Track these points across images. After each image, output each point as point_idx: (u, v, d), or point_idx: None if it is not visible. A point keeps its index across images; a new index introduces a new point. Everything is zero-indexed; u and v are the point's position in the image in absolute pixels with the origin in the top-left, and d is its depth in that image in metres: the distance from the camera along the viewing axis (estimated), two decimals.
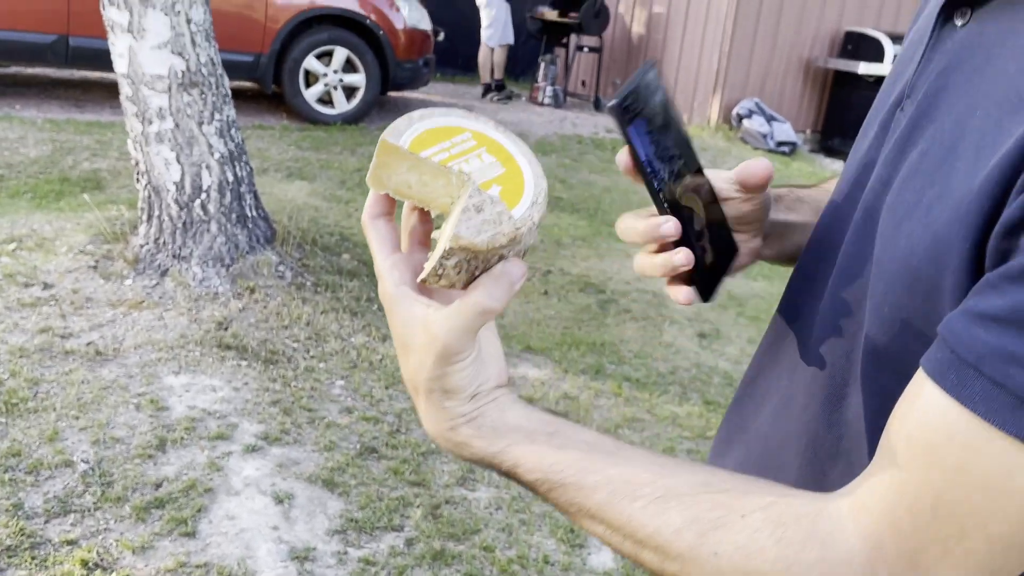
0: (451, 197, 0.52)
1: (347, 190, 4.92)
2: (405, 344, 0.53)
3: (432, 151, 0.52)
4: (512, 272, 0.51)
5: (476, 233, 0.48)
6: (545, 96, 8.46)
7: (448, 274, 0.50)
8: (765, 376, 0.70)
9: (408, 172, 0.52)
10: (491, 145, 0.54)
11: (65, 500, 2.16)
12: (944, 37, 0.56)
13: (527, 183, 0.53)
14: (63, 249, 3.42)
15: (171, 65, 3.13)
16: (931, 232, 0.49)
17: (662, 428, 2.86)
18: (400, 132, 0.53)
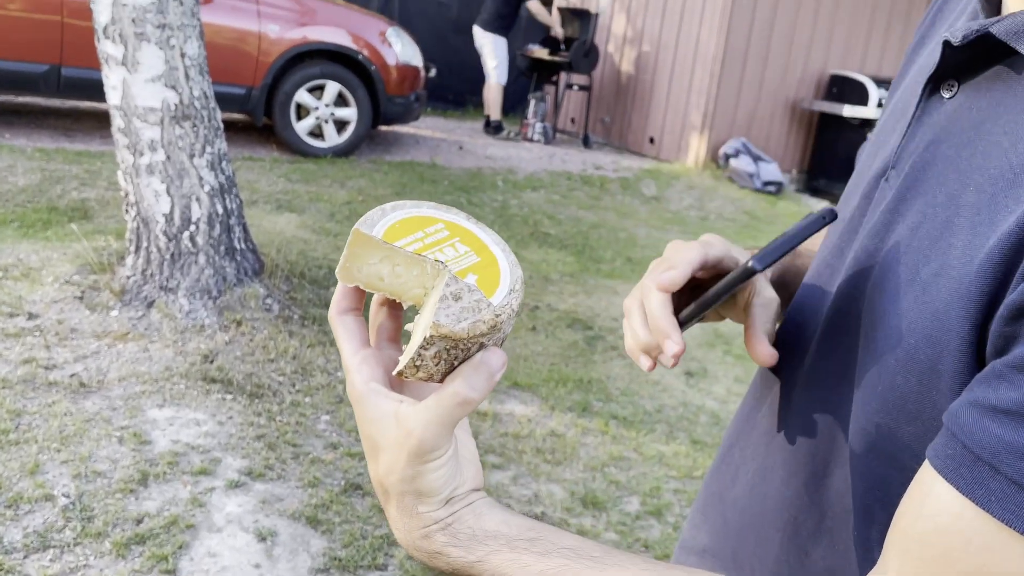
0: (424, 288, 0.52)
1: (336, 223, 4.93)
2: (375, 443, 0.50)
3: (406, 241, 0.52)
4: (492, 362, 0.49)
5: (456, 321, 0.47)
6: (535, 132, 8.55)
7: (427, 365, 0.49)
8: (742, 445, 0.69)
9: (381, 263, 0.52)
10: (464, 235, 0.54)
11: (44, 535, 2.12)
12: (931, 109, 0.55)
13: (503, 271, 0.52)
14: (49, 279, 3.41)
15: (164, 98, 3.15)
16: (929, 311, 0.47)
17: (649, 467, 2.86)
18: (373, 223, 0.52)
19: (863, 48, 8.28)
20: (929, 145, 0.54)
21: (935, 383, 0.46)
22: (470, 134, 8.57)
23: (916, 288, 0.49)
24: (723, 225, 6.58)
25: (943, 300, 0.46)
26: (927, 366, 0.47)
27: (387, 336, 0.56)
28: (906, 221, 0.53)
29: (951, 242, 0.48)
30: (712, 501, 0.71)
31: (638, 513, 2.60)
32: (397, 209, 0.54)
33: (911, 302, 0.49)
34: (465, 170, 6.83)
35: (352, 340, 0.52)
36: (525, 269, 4.70)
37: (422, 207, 0.55)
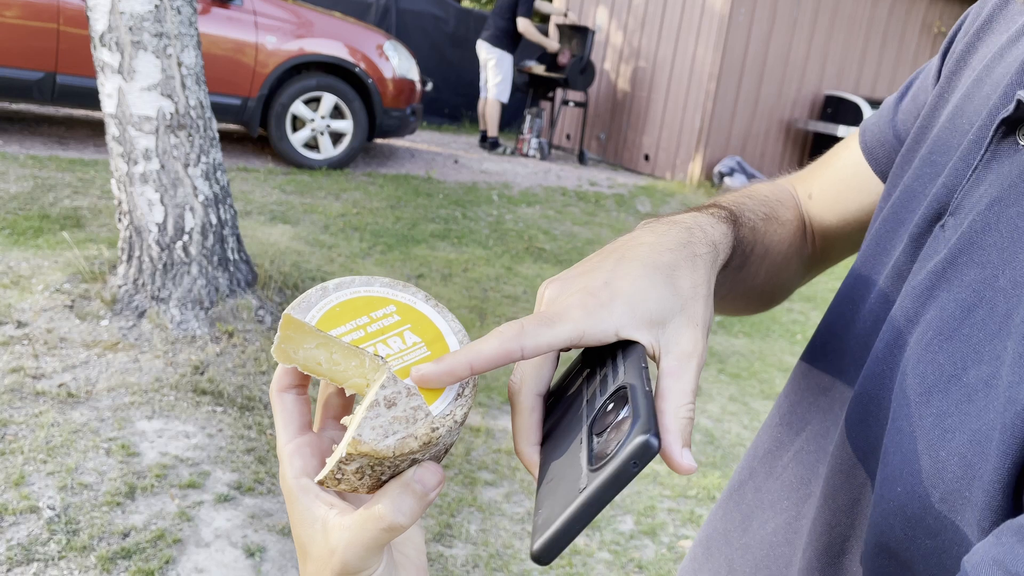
0: (367, 379, 0.46)
1: (330, 235, 4.91)
2: (303, 547, 0.45)
3: (345, 328, 0.46)
4: (425, 481, 0.42)
5: (382, 436, 0.41)
6: (530, 148, 8.56)
7: (349, 479, 0.43)
8: (756, 486, 0.63)
9: (317, 349, 0.46)
10: (418, 321, 0.48)
11: (29, 548, 2.08)
12: (1001, 155, 0.47)
13: None
14: (39, 287, 3.37)
15: (160, 107, 3.13)
16: (969, 427, 0.40)
17: (643, 487, 2.83)
18: (310, 305, 0.47)
19: (858, 69, 8.34)
20: (995, 203, 0.46)
21: (961, 509, 0.41)
22: (465, 148, 8.57)
23: (959, 390, 0.42)
24: None
25: (986, 420, 0.40)
26: (954, 487, 0.41)
27: (334, 414, 0.50)
28: (955, 293, 0.45)
29: (1006, 345, 0.41)
30: (717, 541, 0.67)
31: (632, 532, 2.57)
32: (342, 288, 0.48)
33: (950, 405, 0.42)
34: (460, 184, 6.83)
35: (289, 425, 0.47)
36: (519, 283, 4.69)
37: (373, 285, 0.49)
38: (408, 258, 4.79)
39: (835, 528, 0.51)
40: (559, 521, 0.39)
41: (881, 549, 0.46)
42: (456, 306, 4.17)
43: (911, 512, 0.43)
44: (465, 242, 5.31)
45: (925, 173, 0.55)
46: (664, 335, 0.46)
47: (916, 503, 0.43)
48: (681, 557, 2.48)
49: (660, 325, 0.46)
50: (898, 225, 0.55)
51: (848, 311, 0.58)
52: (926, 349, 0.45)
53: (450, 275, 4.64)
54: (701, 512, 2.73)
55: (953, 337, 0.44)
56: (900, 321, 0.49)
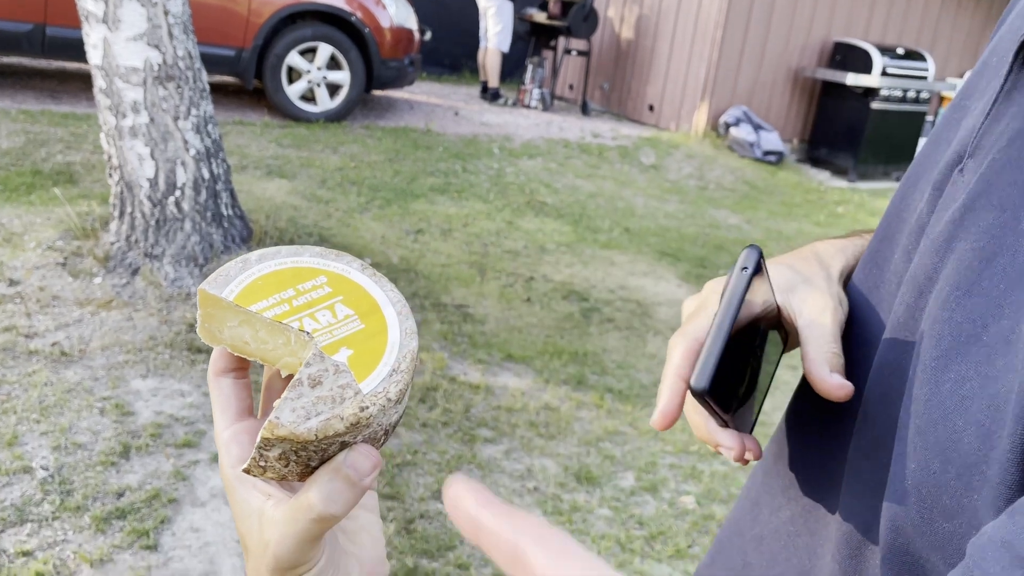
0: (298, 357, 0.41)
1: (328, 189, 4.83)
2: (243, 539, 0.42)
3: (268, 303, 0.42)
4: (358, 466, 0.38)
5: (303, 418, 0.37)
6: (532, 99, 8.40)
7: (273, 466, 0.39)
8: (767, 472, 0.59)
9: (240, 327, 0.42)
10: (352, 293, 0.44)
11: (22, 508, 2.06)
12: (1022, 86, 0.43)
13: (390, 344, 0.42)
14: (31, 244, 3.32)
15: (147, 58, 3.04)
16: (988, 392, 0.36)
17: (644, 442, 2.80)
18: (229, 278, 0.43)
19: (868, 15, 8.12)
20: (1015, 138, 0.42)
21: (977, 486, 0.36)
22: (465, 100, 8.42)
23: (979, 351, 0.38)
24: (722, 195, 6.48)
25: (1005, 382, 0.35)
26: (970, 462, 0.37)
27: (278, 396, 0.46)
28: (972, 241, 0.41)
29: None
30: (728, 532, 0.63)
31: (633, 489, 2.55)
32: (265, 260, 0.44)
33: (970, 368, 0.38)
34: (460, 137, 6.71)
35: (226, 411, 0.43)
36: (520, 238, 4.62)
37: (302, 255, 0.45)
38: (407, 213, 4.72)
39: (858, 515, 0.47)
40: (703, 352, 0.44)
41: (899, 534, 0.42)
42: (456, 261, 4.11)
43: (925, 492, 0.39)
44: (465, 196, 5.23)
45: (952, 119, 0.50)
46: (794, 298, 0.52)
47: (931, 481, 0.39)
48: (682, 513, 2.46)
49: (789, 291, 0.52)
50: (920, 176, 0.50)
51: (872, 276, 0.52)
52: (943, 308, 0.41)
53: (450, 230, 4.57)
54: (702, 468, 2.70)
55: (972, 292, 0.40)
56: (920, 280, 0.44)
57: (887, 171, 7.92)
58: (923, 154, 0.52)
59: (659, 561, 2.25)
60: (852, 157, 7.61)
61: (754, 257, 0.46)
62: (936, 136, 0.51)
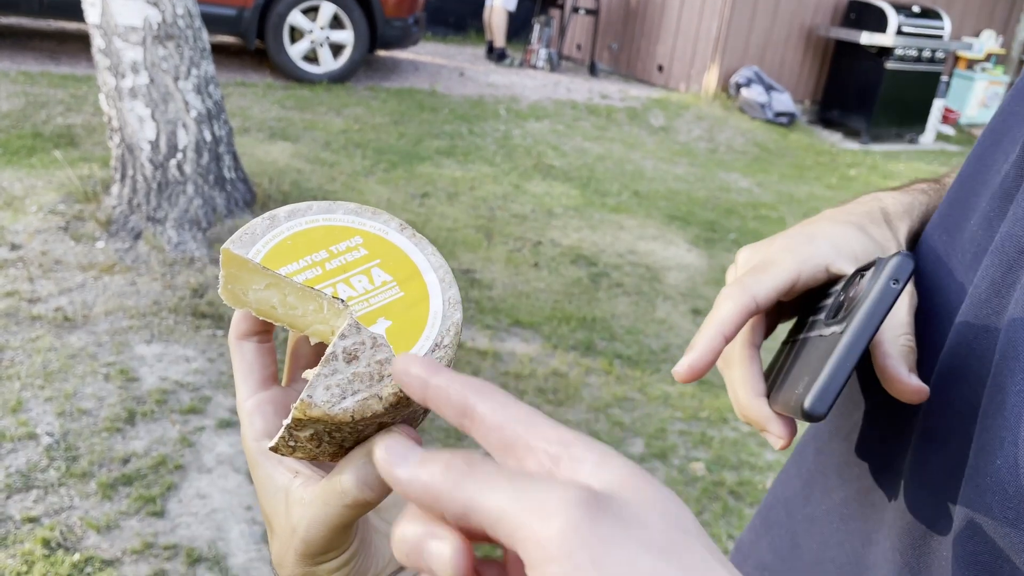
0: (330, 325, 0.38)
1: (332, 152, 4.76)
2: (267, 518, 0.39)
3: (298, 266, 0.38)
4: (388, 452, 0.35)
5: (338, 397, 0.34)
6: (539, 59, 8.26)
7: (304, 447, 0.36)
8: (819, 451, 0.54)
9: (267, 289, 0.39)
10: (390, 256, 0.40)
11: (27, 475, 2.05)
12: None
13: (432, 314, 0.38)
14: (33, 208, 3.27)
15: (146, 16, 2.96)
16: None
17: (653, 408, 2.77)
18: (256, 237, 0.39)
19: None
20: None
21: None
22: (471, 60, 8.29)
23: None
24: (733, 158, 6.39)
25: None
26: None
27: (305, 363, 0.42)
28: None
29: None
30: (777, 510, 0.58)
31: (643, 455, 2.53)
32: (295, 216, 0.40)
33: None
34: (466, 98, 6.61)
35: (248, 378, 0.40)
36: (528, 202, 4.55)
37: (336, 212, 0.41)
38: (412, 176, 4.65)
39: (924, 506, 0.42)
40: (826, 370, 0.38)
41: (976, 532, 0.37)
42: (462, 226, 4.06)
43: (1012, 491, 0.35)
44: (471, 159, 5.15)
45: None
46: None
47: (1020, 479, 0.34)
48: (692, 480, 2.44)
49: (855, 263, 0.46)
50: (1005, 133, 0.44)
51: (942, 243, 0.47)
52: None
53: (456, 194, 4.51)
54: (712, 434, 2.68)
55: None
56: (1010, 252, 0.39)
57: (900, 133, 7.78)
58: (1007, 110, 0.45)
59: None
60: (865, 119, 7.48)
61: (908, 270, 0.39)
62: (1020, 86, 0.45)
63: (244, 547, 1.95)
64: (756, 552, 0.60)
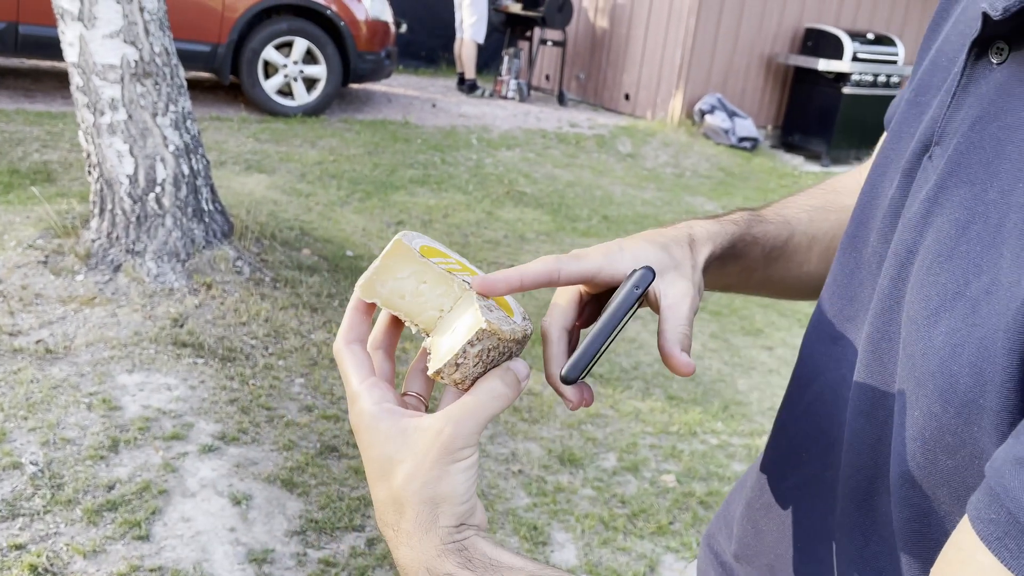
0: (441, 311, 0.53)
1: (307, 183, 4.84)
2: (391, 459, 0.49)
3: (434, 262, 0.54)
4: (520, 368, 0.51)
5: (500, 324, 0.50)
6: (509, 90, 8.43)
7: (467, 363, 0.50)
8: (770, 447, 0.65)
9: (409, 278, 0.53)
10: (472, 272, 0.57)
11: (13, 503, 2.09)
12: (977, 76, 0.48)
13: (511, 303, 0.56)
14: (11, 244, 3.32)
15: (123, 55, 3.04)
16: (976, 336, 0.41)
17: (625, 424, 2.87)
18: (410, 239, 0.55)
19: (838, 1, 8.22)
20: (976, 122, 0.47)
21: (977, 419, 0.41)
22: (443, 92, 8.43)
23: (964, 304, 0.43)
24: (698, 182, 6.56)
25: (991, 325, 0.40)
26: (969, 399, 0.41)
27: (384, 376, 0.55)
28: (948, 215, 0.46)
29: (1002, 252, 0.41)
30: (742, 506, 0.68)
31: (615, 469, 2.61)
32: (420, 237, 0.57)
33: (958, 321, 0.43)
34: (439, 128, 6.73)
35: (361, 368, 0.53)
36: (500, 228, 4.67)
37: (437, 243, 0.58)
38: (387, 205, 4.75)
39: (862, 470, 0.52)
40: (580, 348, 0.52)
41: (905, 479, 0.46)
42: None
43: (929, 434, 0.44)
44: (445, 187, 5.26)
45: (911, 114, 0.55)
46: (662, 283, 0.58)
47: (933, 423, 0.43)
48: (663, 491, 2.53)
49: (660, 274, 0.58)
50: (888, 166, 0.56)
51: (851, 257, 0.58)
52: (928, 273, 0.46)
53: (430, 221, 4.61)
54: (682, 447, 2.77)
55: (952, 256, 0.44)
56: (901, 254, 0.50)
57: (859, 155, 8.03)
58: (886, 148, 0.57)
59: (641, 538, 2.32)
60: (825, 142, 7.71)
61: (647, 281, 0.54)
62: (896, 131, 0.57)
63: (229, 567, 2.00)
64: (726, 545, 0.69)
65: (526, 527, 2.27)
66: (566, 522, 2.34)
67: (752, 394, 3.25)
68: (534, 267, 0.56)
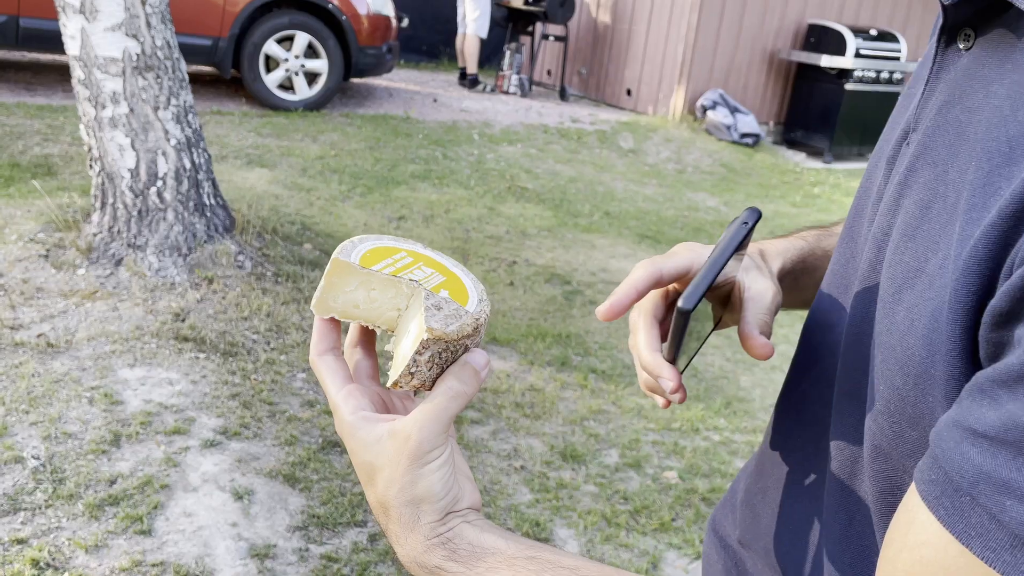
0: (398, 310, 0.56)
1: (308, 178, 4.83)
2: (372, 466, 0.51)
3: (379, 267, 0.56)
4: (477, 360, 0.53)
5: (445, 324, 0.51)
6: (511, 85, 8.41)
7: (420, 371, 0.52)
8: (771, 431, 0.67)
9: (357, 289, 0.55)
10: (426, 260, 0.59)
11: (15, 498, 2.08)
12: (947, 63, 0.50)
13: (468, 286, 0.57)
14: (12, 237, 3.31)
15: (125, 48, 3.03)
16: (929, 309, 0.43)
17: (627, 420, 2.86)
18: (348, 252, 0.56)
19: None
20: (943, 107, 0.49)
21: (930, 388, 0.43)
22: (444, 86, 8.42)
23: (923, 280, 0.45)
24: (700, 178, 6.55)
25: (941, 298, 0.42)
26: (922, 369, 0.43)
27: (366, 374, 0.58)
28: (915, 196, 0.48)
29: (955, 229, 0.43)
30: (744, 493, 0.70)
31: (617, 465, 2.61)
32: (364, 241, 0.58)
33: (917, 296, 0.45)
34: (440, 123, 6.72)
35: (335, 377, 0.54)
36: (502, 224, 4.66)
37: (383, 239, 0.59)
38: (388, 200, 4.74)
39: (845, 450, 0.54)
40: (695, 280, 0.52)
41: (877, 453, 0.48)
42: (438, 247, 4.14)
43: (894, 406, 0.46)
44: (446, 183, 5.25)
45: (902, 105, 0.57)
46: (746, 277, 0.63)
47: (895, 396, 0.45)
48: (666, 488, 2.53)
49: (745, 270, 0.63)
50: (880, 156, 0.58)
51: (847, 247, 0.60)
52: (894, 252, 0.48)
53: (432, 216, 4.60)
54: (684, 444, 2.77)
55: (915, 236, 0.46)
56: (878, 237, 0.52)
57: (861, 152, 8.01)
58: (882, 139, 0.59)
59: (644, 534, 2.31)
60: (827, 138, 7.70)
61: (755, 216, 0.56)
62: (891, 122, 0.59)
63: (231, 562, 2.00)
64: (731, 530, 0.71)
65: (528, 523, 2.26)
66: (568, 518, 2.33)
67: (755, 391, 3.25)
68: (639, 275, 0.60)
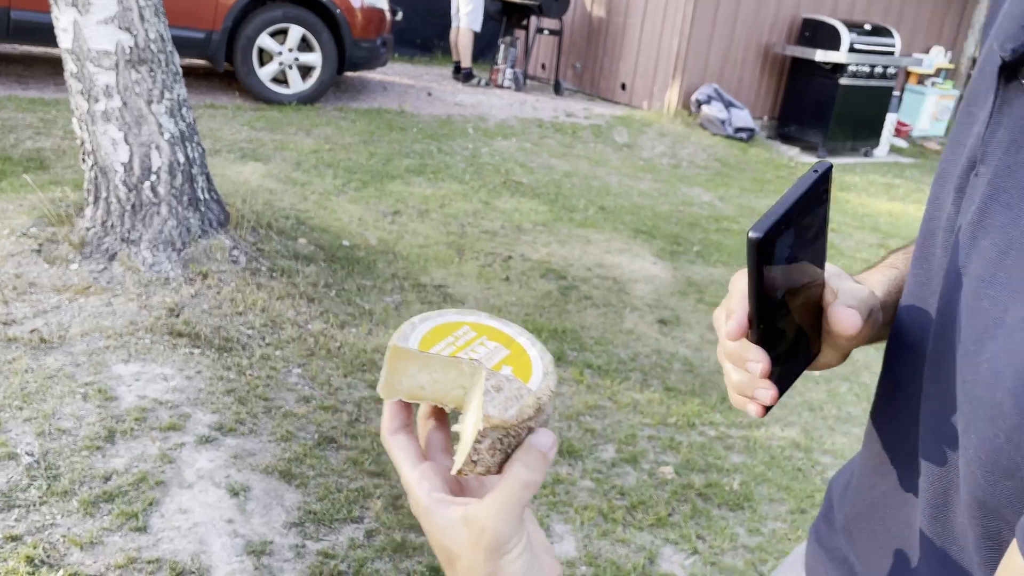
0: (464, 388, 0.54)
1: (303, 172, 4.81)
2: (449, 552, 0.51)
3: (439, 347, 0.54)
4: (542, 442, 0.51)
5: (503, 410, 0.49)
6: (505, 79, 8.39)
7: (483, 458, 0.51)
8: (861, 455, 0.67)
9: (419, 372, 0.54)
10: (490, 332, 0.57)
11: (9, 494, 2.07)
12: (1010, 98, 0.49)
13: (533, 358, 0.55)
14: (4, 232, 3.28)
15: (118, 41, 3.01)
16: (1015, 364, 0.42)
17: (623, 415, 2.86)
18: (406, 336, 0.55)
19: None
20: (1011, 145, 0.48)
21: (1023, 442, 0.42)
22: (438, 80, 8.39)
23: (1004, 333, 0.44)
24: (695, 173, 6.55)
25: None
26: (1014, 423, 0.42)
27: (439, 448, 0.57)
28: (990, 239, 0.47)
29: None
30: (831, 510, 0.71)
31: (613, 460, 2.61)
32: (425, 320, 0.57)
33: (997, 348, 0.44)
34: (434, 117, 6.70)
35: (408, 457, 0.54)
36: (497, 218, 4.65)
37: (446, 315, 0.58)
38: (383, 194, 4.72)
39: (935, 485, 0.54)
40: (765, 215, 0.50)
41: (973, 499, 0.48)
42: (434, 242, 4.13)
43: (986, 456, 0.45)
44: (441, 177, 5.24)
45: (964, 123, 0.56)
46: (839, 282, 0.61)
47: (987, 447, 0.45)
48: (662, 483, 2.53)
49: (837, 276, 0.62)
50: (946, 179, 0.57)
51: (922, 269, 0.59)
52: (973, 297, 0.47)
53: (427, 211, 4.59)
54: (680, 439, 2.77)
55: (993, 282, 0.46)
56: (952, 275, 0.51)
57: (855, 146, 8.02)
58: (945, 156, 0.58)
59: (640, 529, 2.32)
60: (821, 133, 7.70)
61: (825, 166, 0.54)
62: (953, 139, 0.57)
63: (226, 559, 1.99)
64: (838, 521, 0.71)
65: None
66: (565, 514, 2.33)
67: None
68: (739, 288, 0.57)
